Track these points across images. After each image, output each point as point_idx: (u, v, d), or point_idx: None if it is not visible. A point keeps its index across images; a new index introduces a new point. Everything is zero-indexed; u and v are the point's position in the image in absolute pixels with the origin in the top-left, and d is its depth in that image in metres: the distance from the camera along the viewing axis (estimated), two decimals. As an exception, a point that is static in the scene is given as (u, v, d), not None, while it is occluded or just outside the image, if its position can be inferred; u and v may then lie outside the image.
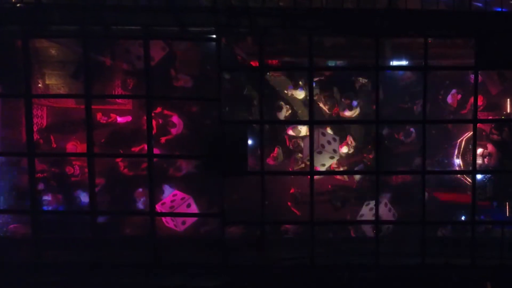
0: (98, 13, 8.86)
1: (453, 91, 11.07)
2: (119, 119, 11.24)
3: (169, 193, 10.62)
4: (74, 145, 10.83)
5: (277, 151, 10.89)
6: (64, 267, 9.10)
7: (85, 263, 9.16)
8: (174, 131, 10.77)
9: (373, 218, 9.52)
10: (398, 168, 10.67)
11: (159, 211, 10.11)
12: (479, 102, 10.50)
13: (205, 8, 9.06)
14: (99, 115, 11.00)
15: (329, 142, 10.35)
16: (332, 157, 10.46)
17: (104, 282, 9.15)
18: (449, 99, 11.17)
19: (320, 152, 10.13)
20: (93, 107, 9.58)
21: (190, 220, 10.23)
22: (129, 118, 11.18)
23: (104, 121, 11.09)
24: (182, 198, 10.34)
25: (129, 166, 10.82)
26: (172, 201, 10.35)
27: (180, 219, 10.12)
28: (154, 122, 10.54)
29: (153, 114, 10.13)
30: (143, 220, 9.99)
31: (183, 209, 10.25)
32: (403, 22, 9.22)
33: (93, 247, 9.25)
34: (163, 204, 10.34)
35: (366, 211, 10.35)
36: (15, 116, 10.28)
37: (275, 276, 9.34)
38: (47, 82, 11.15)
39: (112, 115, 11.19)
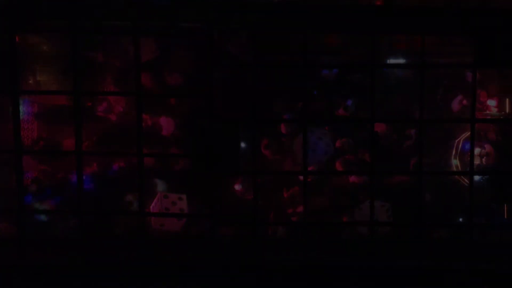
0: (87, 8, 8.75)
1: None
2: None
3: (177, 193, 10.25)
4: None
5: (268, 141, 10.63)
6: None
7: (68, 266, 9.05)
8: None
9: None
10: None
11: (158, 201, 9.89)
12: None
13: (196, 2, 8.89)
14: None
15: (319, 138, 10.18)
16: (326, 153, 10.26)
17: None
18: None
19: (314, 150, 9.96)
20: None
21: (168, 226, 9.98)
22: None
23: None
24: (181, 209, 9.99)
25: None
26: (173, 203, 10.04)
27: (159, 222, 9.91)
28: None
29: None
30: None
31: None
32: (400, 19, 9.06)
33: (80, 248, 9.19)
34: (165, 196, 10.03)
35: (365, 206, 10.03)
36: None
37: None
38: (38, 78, 10.93)
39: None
